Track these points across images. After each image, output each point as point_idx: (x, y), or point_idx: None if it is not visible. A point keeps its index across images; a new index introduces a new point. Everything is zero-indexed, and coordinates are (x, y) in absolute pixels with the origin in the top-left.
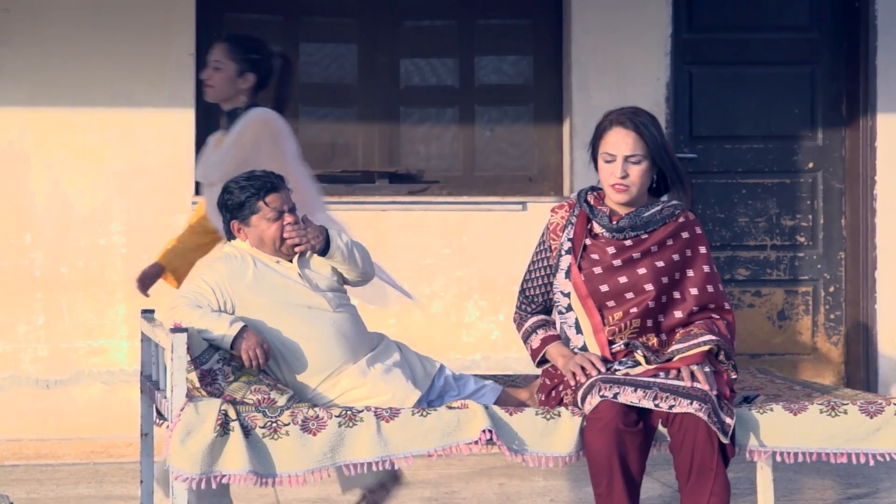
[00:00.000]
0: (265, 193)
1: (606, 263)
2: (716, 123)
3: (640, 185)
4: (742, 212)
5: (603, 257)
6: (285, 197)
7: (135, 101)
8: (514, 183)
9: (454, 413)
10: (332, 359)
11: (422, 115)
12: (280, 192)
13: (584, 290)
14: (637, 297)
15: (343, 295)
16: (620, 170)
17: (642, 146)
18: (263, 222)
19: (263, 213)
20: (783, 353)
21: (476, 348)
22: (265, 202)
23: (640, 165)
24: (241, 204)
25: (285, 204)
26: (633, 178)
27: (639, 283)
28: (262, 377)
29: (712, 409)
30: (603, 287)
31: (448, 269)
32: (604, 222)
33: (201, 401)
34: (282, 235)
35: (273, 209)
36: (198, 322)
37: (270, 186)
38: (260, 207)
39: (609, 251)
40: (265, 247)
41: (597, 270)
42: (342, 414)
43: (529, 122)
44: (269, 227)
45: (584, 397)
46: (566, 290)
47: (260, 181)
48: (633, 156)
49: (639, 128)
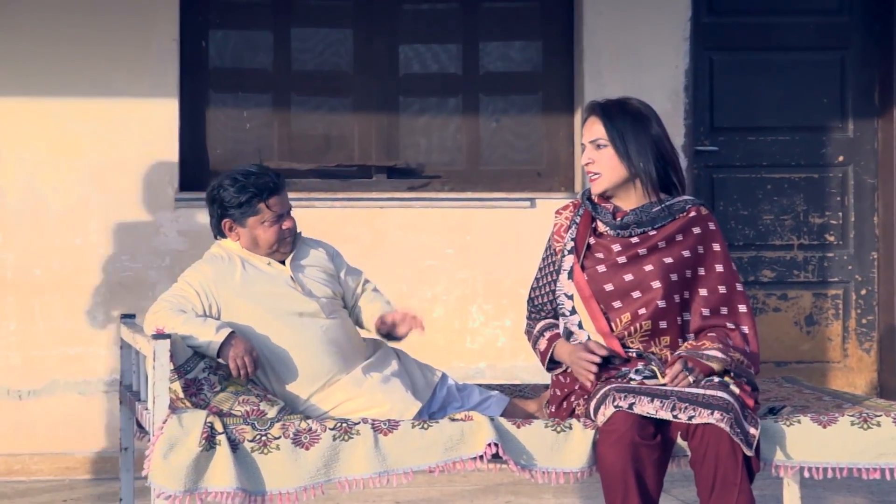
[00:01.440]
0: (268, 195)
1: (611, 261)
2: (738, 114)
3: (609, 172)
4: (767, 209)
5: (607, 255)
6: (286, 199)
7: (114, 90)
8: (522, 178)
9: (457, 426)
10: (324, 368)
11: (422, 105)
12: (281, 193)
13: (587, 290)
14: (644, 296)
15: (337, 302)
16: (585, 155)
17: (605, 133)
18: (261, 226)
19: (263, 216)
20: (811, 361)
21: (481, 356)
22: (267, 205)
23: (605, 151)
24: (239, 204)
25: (285, 206)
26: (599, 163)
27: (645, 280)
28: (251, 387)
29: (735, 420)
30: (607, 286)
31: (451, 271)
32: (607, 219)
33: (185, 412)
34: (278, 240)
35: (274, 213)
36: (182, 328)
37: (273, 188)
38: (260, 210)
39: (614, 249)
40: (258, 249)
41: (601, 269)
42: (337, 427)
43: (538, 112)
44: (266, 231)
45: (596, 408)
46: (569, 292)
47: (262, 181)
48: (596, 140)
49: (605, 114)
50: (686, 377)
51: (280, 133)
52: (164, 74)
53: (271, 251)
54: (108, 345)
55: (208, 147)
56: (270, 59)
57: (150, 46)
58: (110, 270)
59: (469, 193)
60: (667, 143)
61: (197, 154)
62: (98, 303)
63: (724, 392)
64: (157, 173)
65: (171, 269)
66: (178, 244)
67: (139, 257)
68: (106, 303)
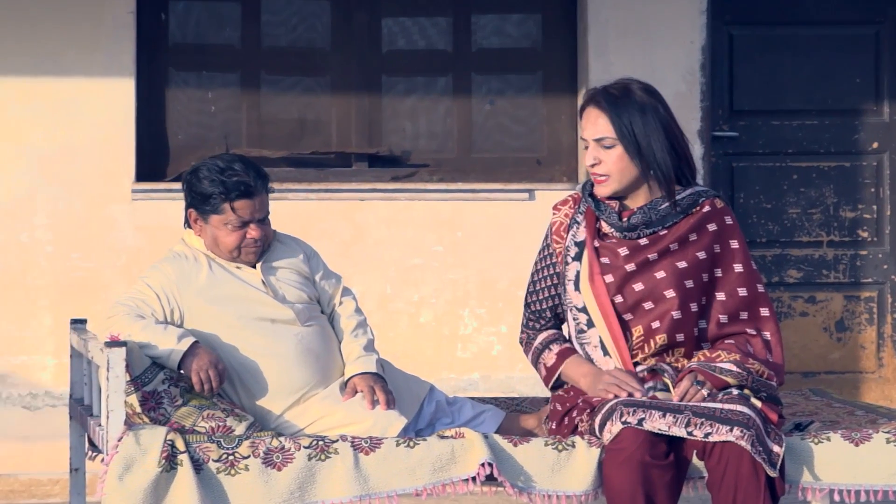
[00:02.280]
0: (236, 197)
1: (618, 269)
2: (761, 95)
3: (619, 174)
4: (793, 201)
5: (614, 261)
6: (258, 205)
7: (63, 68)
8: (520, 167)
9: (447, 443)
10: (299, 380)
11: (408, 85)
12: (254, 199)
13: (607, 302)
14: (658, 308)
15: (313, 307)
16: (590, 156)
17: (612, 128)
18: (223, 228)
19: (226, 217)
20: (842, 371)
21: (474, 366)
22: (232, 208)
23: (614, 150)
24: (204, 198)
25: (256, 213)
26: (607, 164)
27: (657, 289)
28: (217, 401)
29: (757, 437)
30: (616, 298)
31: (440, 271)
32: (612, 220)
33: (143, 429)
34: (239, 247)
35: (238, 217)
36: (139, 335)
37: (245, 190)
38: (224, 211)
39: (621, 253)
40: (218, 251)
41: (608, 279)
42: (313, 445)
43: (538, 93)
44: (228, 236)
45: (602, 424)
46: (580, 305)
47: (235, 180)
48: (603, 139)
49: (611, 106)
50: (698, 392)
51: (249, 117)
52: (119, 51)
53: (231, 257)
54: (57, 353)
55: (168, 132)
56: (238, 34)
57: (104, 19)
58: (59, 270)
59: (460, 184)
60: (675, 127)
61: (156, 140)
62: (45, 306)
63: (745, 406)
64: (112, 162)
65: (127, 269)
66: (136, 241)
67: (91, 255)
68: (54, 306)
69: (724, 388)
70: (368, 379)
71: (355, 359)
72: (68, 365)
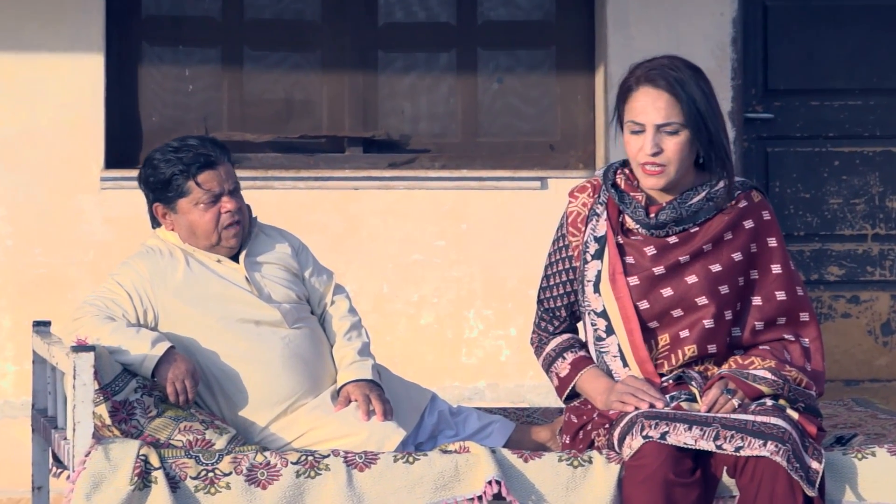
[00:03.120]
0: (197, 170)
1: (645, 271)
2: (798, 73)
3: (679, 164)
4: (834, 190)
5: (640, 262)
6: (225, 174)
7: (24, 43)
8: (531, 152)
9: (450, 459)
10: (287, 389)
11: (407, 61)
12: (217, 168)
13: (630, 307)
14: (688, 317)
15: (302, 306)
16: (651, 144)
17: (680, 111)
18: (194, 209)
19: (194, 196)
20: (889, 379)
21: (480, 373)
22: (197, 182)
23: (678, 137)
24: (164, 183)
25: (224, 183)
26: (668, 154)
27: (689, 295)
28: (195, 412)
29: (793, 452)
30: (641, 304)
31: (442, 268)
32: (638, 215)
33: (114, 443)
34: (218, 227)
35: (207, 192)
36: (109, 338)
37: (205, 161)
38: (189, 189)
39: (647, 253)
40: (198, 241)
41: (632, 281)
42: (301, 460)
43: (551, 70)
44: (201, 217)
45: (622, 438)
46: (599, 309)
47: (191, 153)
48: (667, 125)
49: (675, 86)
50: (728, 401)
51: (230, 97)
52: (86, 23)
53: (213, 243)
54: (18, 359)
55: (141, 114)
56: (218, 5)
57: None
58: (20, 267)
59: (465, 171)
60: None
61: (127, 123)
62: (4, 307)
63: (781, 418)
64: (78, 147)
65: (95, 266)
66: (105, 234)
67: (56, 251)
68: (14, 307)
69: (757, 397)
70: (364, 387)
71: (349, 364)
72: (30, 372)
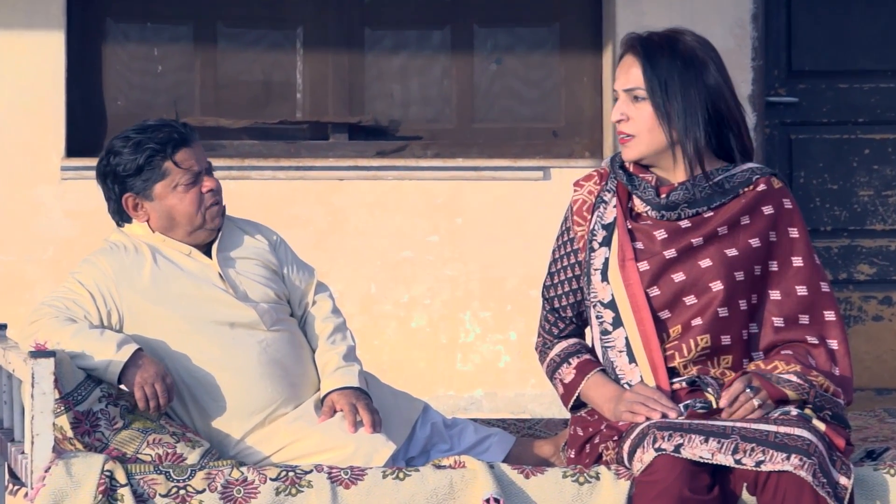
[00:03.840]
0: (174, 149)
1: (655, 255)
2: (825, 53)
3: (650, 136)
4: (863, 181)
5: (649, 247)
6: (199, 153)
7: None
8: (532, 139)
9: (444, 475)
10: (264, 397)
11: (396, 40)
12: (192, 146)
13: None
14: (700, 302)
15: (281, 307)
16: (616, 110)
17: (644, 80)
18: (172, 194)
19: (173, 178)
20: None
21: (477, 381)
22: (175, 162)
23: (645, 106)
24: (138, 168)
25: (201, 162)
26: (636, 123)
27: (702, 280)
28: (165, 423)
29: (819, 466)
30: (652, 290)
31: (435, 266)
32: (649, 196)
33: (76, 457)
34: (202, 208)
35: (186, 171)
36: (70, 342)
37: (180, 138)
38: (168, 171)
39: (657, 237)
40: (178, 229)
41: (642, 267)
42: (281, 476)
43: (554, 49)
44: (182, 200)
45: (632, 451)
46: (607, 299)
47: (163, 132)
48: (633, 89)
49: (647, 52)
50: (749, 400)
51: (203, 78)
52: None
53: (195, 227)
54: None
55: (105, 98)
56: None
57: None
58: None
59: (460, 160)
60: (729, 96)
61: (90, 107)
62: None
63: (805, 429)
64: (36, 133)
65: (55, 263)
66: (66, 229)
67: (11, 247)
68: None
69: (781, 401)
70: (350, 395)
71: (333, 371)
72: None
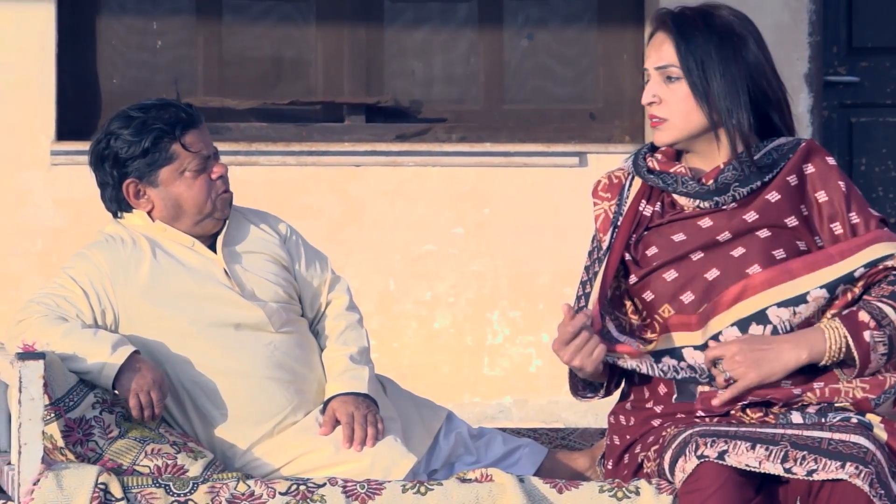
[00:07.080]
0: (182, 131)
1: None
2: (889, 28)
3: (685, 120)
4: None
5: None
6: (207, 136)
7: None
8: (567, 122)
9: (471, 489)
10: (273, 405)
11: (418, 13)
12: (199, 127)
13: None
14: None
15: (291, 306)
16: (648, 91)
17: (678, 58)
18: (180, 180)
19: (181, 162)
20: None
21: (506, 386)
22: (183, 145)
23: (680, 86)
24: (143, 151)
25: (210, 145)
26: (670, 105)
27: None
28: (165, 432)
29: (877, 476)
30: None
31: (461, 260)
32: (691, 188)
33: (67, 469)
34: (212, 195)
35: (195, 154)
36: (61, 343)
37: (186, 119)
38: (175, 154)
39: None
40: (184, 218)
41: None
42: (292, 490)
43: (590, 25)
44: (192, 187)
45: (674, 461)
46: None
47: (169, 112)
48: (666, 67)
49: (681, 30)
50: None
51: (207, 55)
52: None
53: (203, 217)
54: None
55: (100, 76)
56: None
57: None
58: None
59: (488, 145)
60: (769, 73)
61: (83, 87)
62: None
63: (862, 436)
64: (24, 115)
65: (44, 257)
66: (56, 219)
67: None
68: None
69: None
70: (351, 403)
71: (339, 374)
72: None
